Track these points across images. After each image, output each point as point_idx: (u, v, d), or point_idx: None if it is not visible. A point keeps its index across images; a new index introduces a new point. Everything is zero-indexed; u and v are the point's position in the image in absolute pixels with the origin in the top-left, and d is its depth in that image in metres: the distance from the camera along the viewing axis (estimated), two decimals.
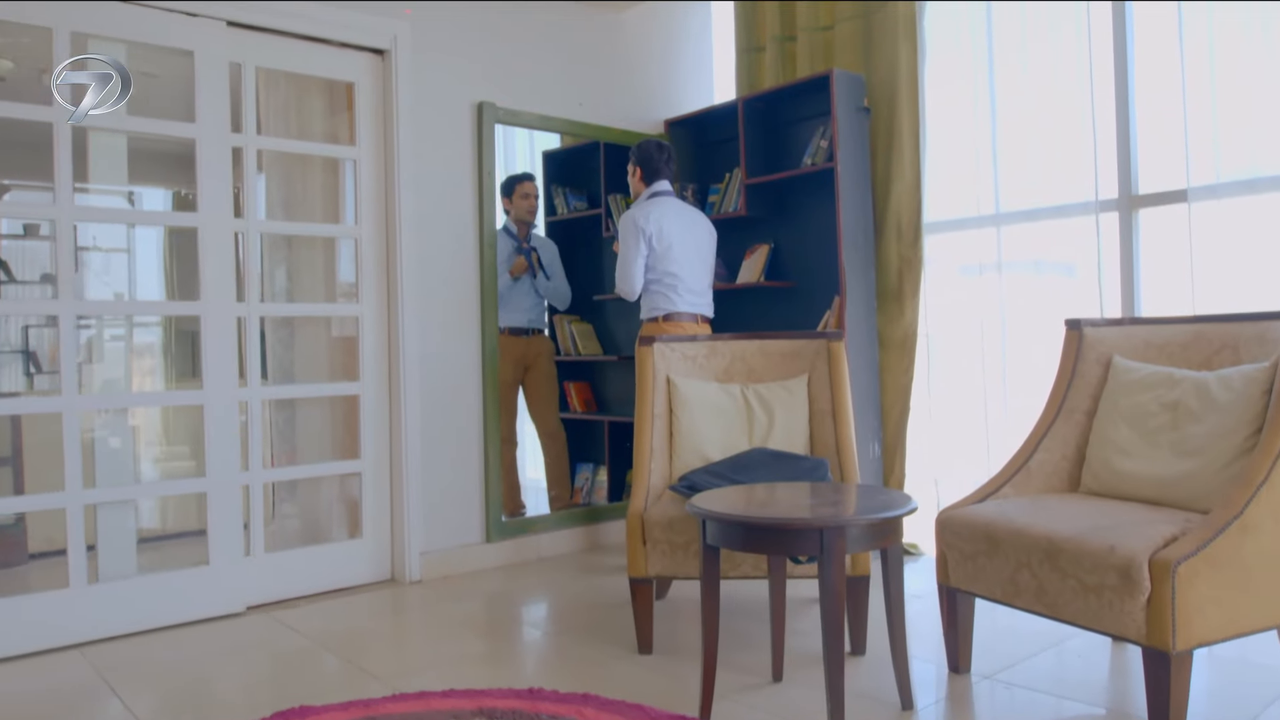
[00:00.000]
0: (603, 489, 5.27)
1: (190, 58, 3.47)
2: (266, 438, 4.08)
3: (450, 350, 4.07)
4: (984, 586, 2.52)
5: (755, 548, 2.27)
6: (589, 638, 3.13)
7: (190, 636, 3.27)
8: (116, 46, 3.42)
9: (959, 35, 4.03)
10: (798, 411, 3.30)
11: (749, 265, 4.59)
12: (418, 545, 3.93)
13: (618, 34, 4.73)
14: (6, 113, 3.15)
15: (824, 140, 4.19)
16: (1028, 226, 3.80)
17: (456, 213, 4.11)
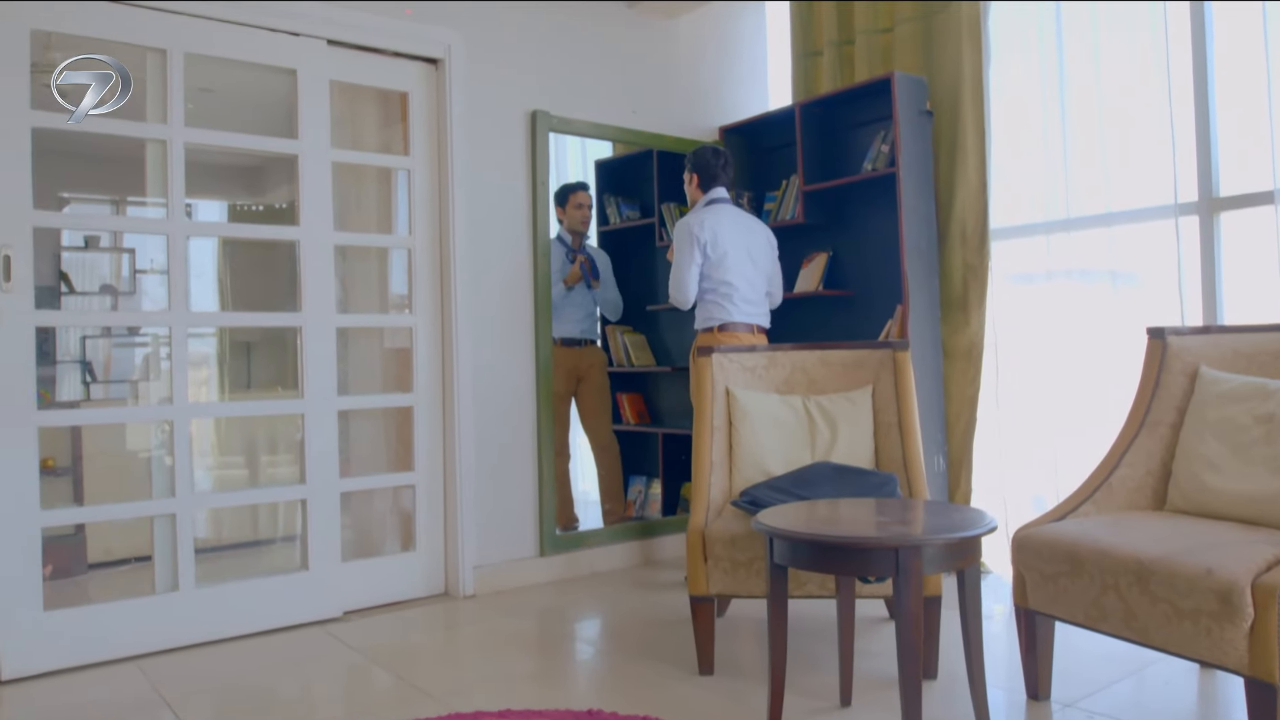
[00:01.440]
0: (656, 502, 5.19)
1: (294, 75, 3.57)
2: None
3: (504, 361, 4.02)
4: (1065, 609, 2.39)
5: (826, 568, 2.17)
6: (646, 657, 3.04)
7: (245, 650, 3.24)
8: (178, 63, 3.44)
9: (1025, 35, 3.89)
10: (862, 424, 3.19)
11: (806, 274, 4.49)
12: (471, 559, 3.87)
13: (671, 40, 4.67)
14: (115, 129, 3.24)
15: (885, 145, 4.07)
16: (1101, 232, 3.65)
17: (510, 222, 4.07)
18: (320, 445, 3.60)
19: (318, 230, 3.61)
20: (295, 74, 3.55)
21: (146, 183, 3.56)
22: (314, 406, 3.59)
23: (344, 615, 3.60)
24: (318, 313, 3.60)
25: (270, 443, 4.89)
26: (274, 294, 5.08)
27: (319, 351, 3.60)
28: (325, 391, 3.61)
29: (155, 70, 3.28)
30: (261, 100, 3.78)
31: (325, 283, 3.61)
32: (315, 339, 3.59)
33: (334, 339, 3.65)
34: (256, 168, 6.62)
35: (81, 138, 3.26)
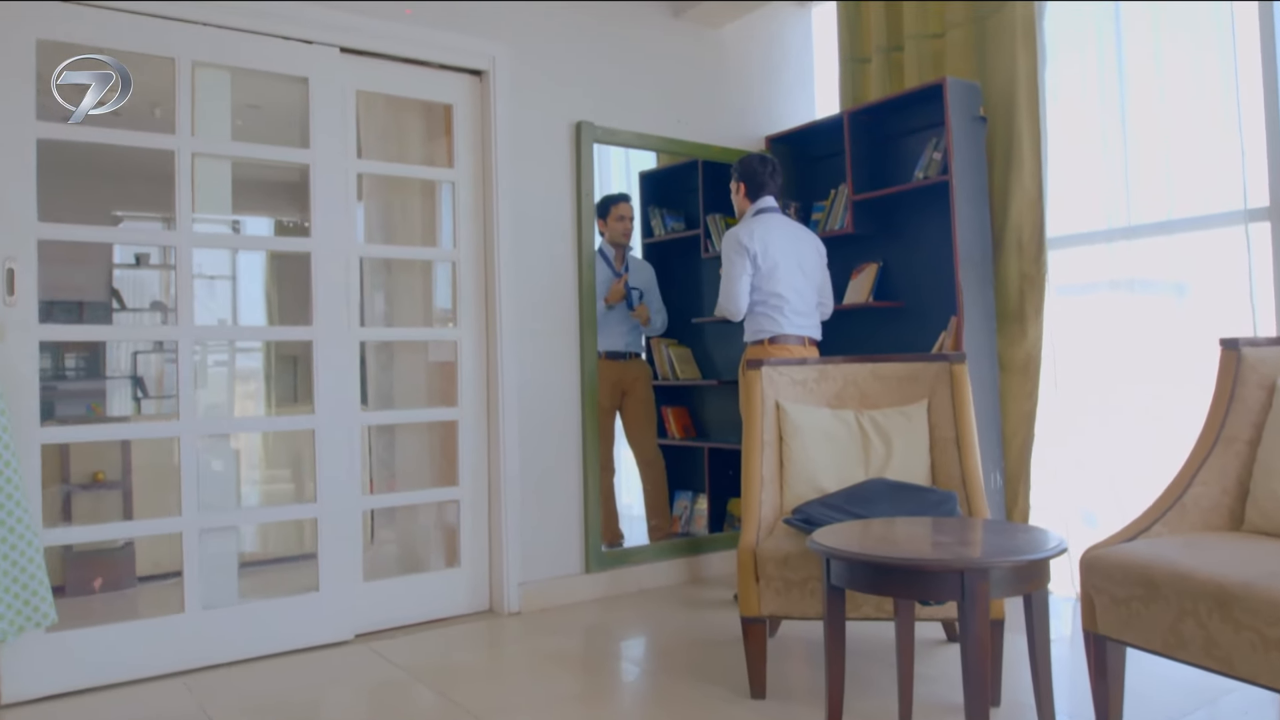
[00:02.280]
0: (702, 518, 5.10)
1: (305, 84, 3.49)
2: (366, 463, 4.04)
3: (548, 375, 3.98)
4: (1139, 636, 2.27)
5: (886, 590, 2.08)
6: (695, 678, 2.96)
7: (289, 666, 3.21)
8: (221, 76, 3.45)
9: (1083, 38, 3.78)
10: (918, 440, 3.08)
11: (856, 285, 4.39)
12: (516, 575, 3.82)
13: (717, 50, 4.61)
14: (130, 141, 3.21)
15: (937, 152, 3.97)
16: (1164, 239, 3.51)
17: (554, 234, 4.03)
18: (335, 462, 3.49)
19: (330, 242, 3.51)
20: (306, 82, 3.48)
21: (194, 199, 3.57)
22: (327, 422, 3.48)
23: (360, 635, 3.56)
24: (331, 326, 3.50)
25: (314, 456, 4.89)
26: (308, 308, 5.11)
27: (334, 366, 3.50)
28: (342, 406, 3.51)
29: (184, 82, 3.23)
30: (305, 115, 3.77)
31: (340, 295, 3.52)
32: (328, 353, 3.49)
33: (354, 353, 3.55)
34: (298, 184, 6.68)
35: (132, 155, 3.27)
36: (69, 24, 3.03)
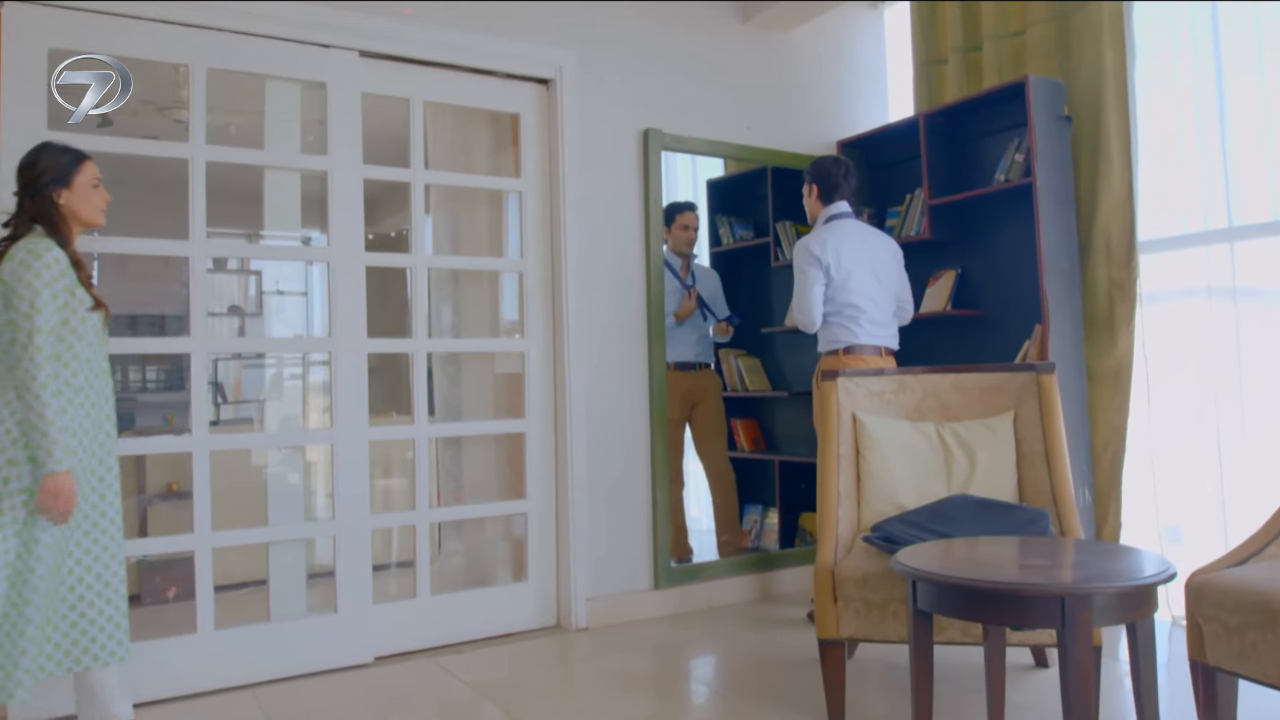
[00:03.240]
0: (773, 532, 4.98)
1: (323, 89, 3.43)
2: (433, 475, 4.02)
3: (616, 386, 3.91)
4: (1256, 668, 2.10)
5: (978, 616, 1.96)
6: (769, 702, 2.85)
7: (357, 680, 3.19)
8: (292, 90, 3.46)
9: (1176, 35, 3.59)
10: (1003, 454, 2.94)
11: (933, 293, 4.24)
12: (584, 591, 3.75)
13: (786, 54, 4.51)
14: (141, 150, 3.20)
15: (1019, 154, 3.81)
16: (1267, 241, 3.31)
17: (622, 243, 3.97)
18: (350, 477, 3.40)
19: (346, 250, 3.44)
20: (324, 87, 3.41)
21: (264, 214, 3.60)
22: (344, 436, 3.41)
23: (443, 647, 3.52)
24: (347, 338, 3.42)
25: (385, 466, 4.90)
26: (385, 320, 5.13)
27: (348, 378, 3.43)
28: (355, 420, 3.43)
29: (198, 88, 3.18)
30: (377, 130, 3.76)
31: (355, 305, 3.44)
32: (343, 364, 3.41)
33: (363, 364, 3.45)
34: (371, 198, 6.75)
35: (217, 171, 3.28)
36: (81, 32, 2.99)
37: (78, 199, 2.41)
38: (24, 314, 2.22)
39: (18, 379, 2.24)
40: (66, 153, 2.43)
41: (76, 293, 2.33)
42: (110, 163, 3.14)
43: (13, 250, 2.30)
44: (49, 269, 2.25)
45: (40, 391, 2.22)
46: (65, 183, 2.38)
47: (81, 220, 2.44)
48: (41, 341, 2.22)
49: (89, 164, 2.46)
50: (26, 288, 2.22)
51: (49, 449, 2.23)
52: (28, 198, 2.37)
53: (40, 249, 2.27)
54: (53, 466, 2.23)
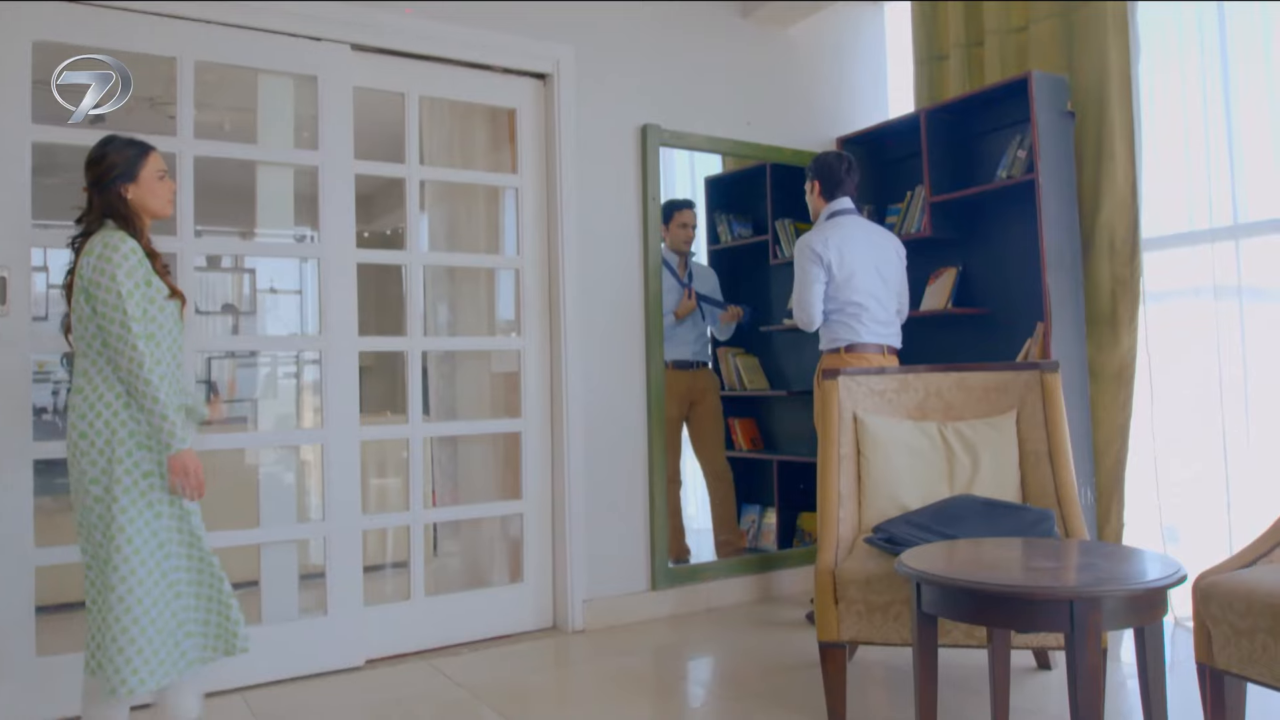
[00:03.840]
0: (770, 532, 4.94)
1: (314, 82, 3.36)
2: (428, 475, 3.97)
3: (614, 385, 3.86)
4: (1266, 672, 2.05)
5: (985, 620, 1.92)
6: (769, 705, 2.81)
7: (349, 683, 3.14)
8: (284, 83, 3.41)
9: (1182, 31, 3.54)
10: (1006, 454, 2.90)
11: (934, 290, 4.20)
12: (581, 592, 3.70)
13: (786, 50, 4.47)
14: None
15: (1022, 150, 3.77)
16: (1275, 238, 3.26)
17: (620, 241, 3.92)
18: (340, 478, 3.34)
19: (336, 247, 3.37)
20: (316, 81, 3.34)
21: (257, 211, 3.54)
22: (335, 436, 3.35)
23: (438, 650, 3.48)
24: (337, 335, 3.35)
25: (381, 466, 4.85)
26: (384, 318, 5.07)
27: (338, 378, 3.36)
28: (346, 420, 3.37)
29: (185, 81, 3.10)
30: (375, 126, 3.71)
31: (345, 302, 3.37)
32: (334, 363, 3.34)
33: (354, 364, 3.40)
34: (366, 195, 6.70)
35: (210, 168, 3.23)
36: (67, 24, 2.93)
37: (144, 192, 2.41)
38: (112, 305, 2.23)
39: (123, 368, 2.24)
40: (132, 146, 2.43)
41: (154, 282, 2.35)
42: None
43: (89, 245, 2.32)
44: (126, 260, 2.27)
45: (149, 376, 2.22)
46: (132, 177, 2.39)
47: (149, 212, 2.44)
48: (137, 328, 2.24)
49: (154, 156, 2.46)
50: (109, 279, 2.24)
51: (170, 430, 2.23)
52: (96, 193, 2.38)
53: (115, 241, 2.28)
54: (176, 446, 2.24)
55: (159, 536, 2.27)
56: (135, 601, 2.20)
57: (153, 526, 2.27)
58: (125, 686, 2.17)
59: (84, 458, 2.27)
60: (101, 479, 2.26)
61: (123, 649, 2.18)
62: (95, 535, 2.28)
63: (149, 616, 2.21)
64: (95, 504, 2.27)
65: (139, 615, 2.19)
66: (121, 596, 2.19)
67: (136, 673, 2.18)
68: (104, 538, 2.25)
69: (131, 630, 2.19)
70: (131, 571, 2.21)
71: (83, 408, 2.29)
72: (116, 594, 2.19)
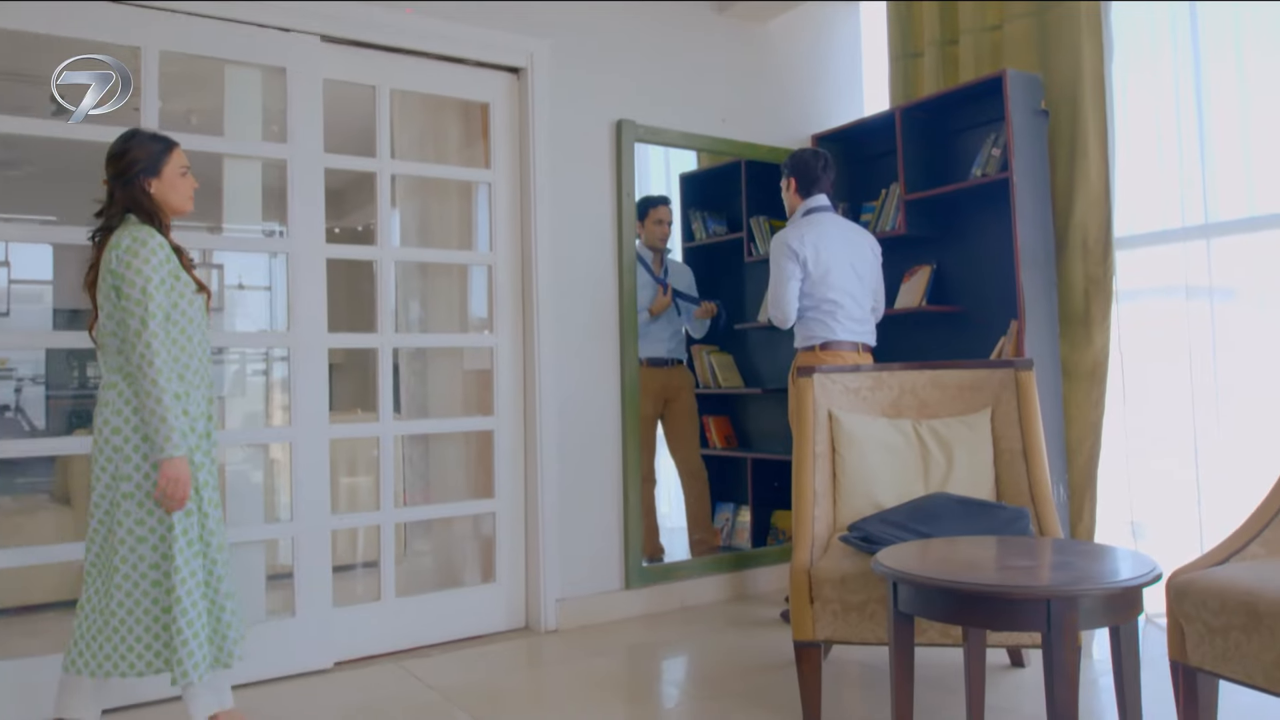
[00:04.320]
0: (744, 531, 4.92)
1: (283, 74, 3.28)
2: (399, 474, 3.92)
3: (588, 382, 3.83)
4: (1239, 670, 2.06)
5: (962, 619, 1.91)
6: (746, 705, 2.79)
7: (318, 686, 3.09)
8: (251, 75, 3.34)
9: (1155, 32, 3.56)
10: (981, 451, 2.89)
11: (908, 288, 4.20)
12: (554, 591, 3.67)
13: (762, 46, 4.45)
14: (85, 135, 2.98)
15: (996, 148, 3.78)
16: (1246, 237, 3.29)
17: (594, 237, 3.88)
18: (309, 478, 3.28)
19: (305, 242, 3.29)
20: (285, 73, 3.27)
21: (224, 205, 3.47)
22: (304, 435, 3.28)
23: (409, 651, 3.43)
24: (307, 333, 3.28)
25: (351, 464, 4.79)
26: (356, 315, 5.01)
27: (308, 375, 3.29)
28: (316, 419, 3.30)
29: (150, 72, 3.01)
30: (347, 121, 3.65)
31: (315, 298, 3.31)
32: (302, 360, 3.28)
33: (324, 361, 3.33)
34: (338, 191, 6.63)
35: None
36: (27, 11, 2.83)
37: (167, 187, 2.40)
38: (136, 300, 2.23)
39: (134, 364, 2.24)
40: (156, 141, 2.42)
41: (181, 277, 2.34)
42: (63, 150, 3.02)
43: (115, 239, 2.30)
44: (155, 254, 2.26)
45: (157, 377, 2.22)
46: (155, 171, 2.38)
47: (171, 207, 2.43)
48: (156, 327, 2.23)
49: (177, 151, 2.45)
50: (137, 274, 2.23)
51: (167, 434, 2.22)
52: (119, 187, 2.36)
53: (143, 235, 2.28)
54: (171, 451, 2.23)
55: (189, 534, 2.31)
56: (186, 593, 2.25)
57: (184, 524, 2.30)
58: (198, 671, 2.24)
59: (118, 454, 2.27)
60: (134, 475, 2.26)
61: (186, 641, 2.23)
62: (119, 532, 2.28)
63: (197, 609, 2.27)
64: (124, 500, 2.27)
65: (188, 606, 2.25)
66: (176, 591, 2.24)
67: (198, 666, 2.24)
68: (140, 536, 2.26)
69: (196, 624, 2.25)
70: (186, 563, 2.26)
71: (118, 403, 2.29)
72: (175, 593, 2.24)
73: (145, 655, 2.29)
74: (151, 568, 2.29)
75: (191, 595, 2.27)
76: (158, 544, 2.28)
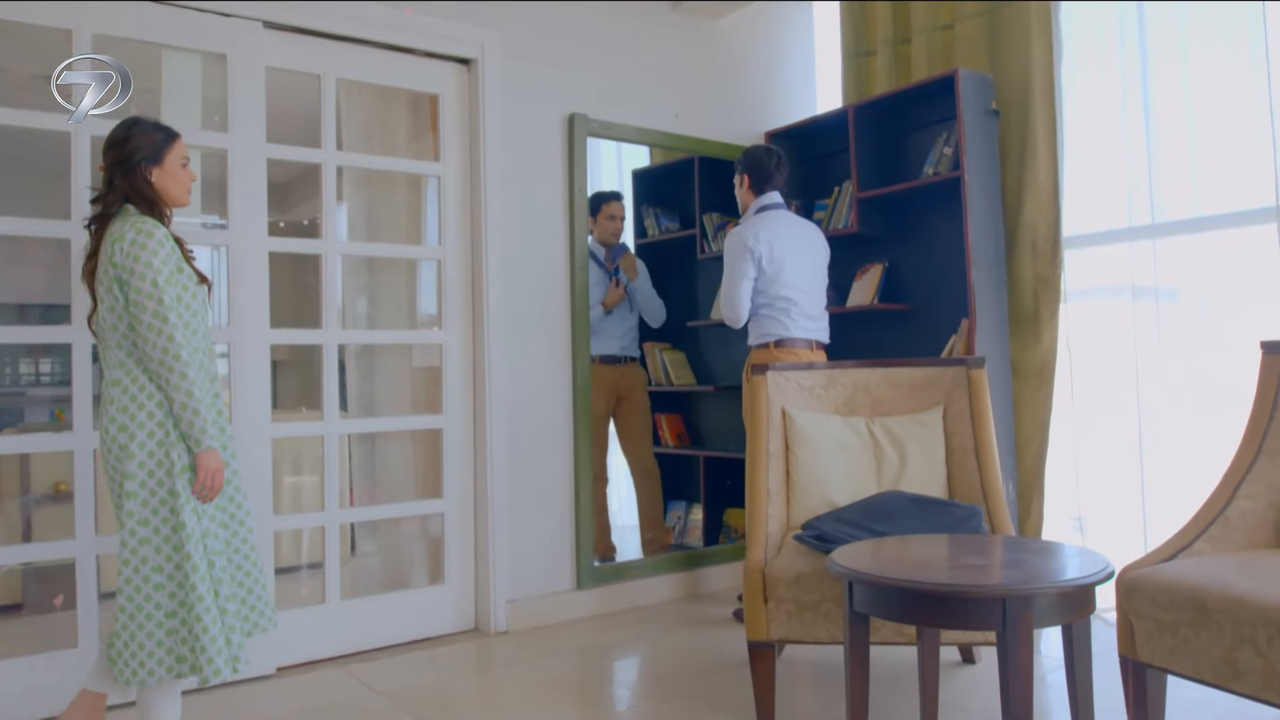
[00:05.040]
0: (697, 529, 4.90)
1: (223, 61, 3.17)
2: (345, 473, 3.83)
3: (539, 380, 3.77)
4: (1187, 665, 2.08)
5: (919, 619, 1.89)
6: (698, 706, 2.76)
7: (259, 693, 2.99)
8: (191, 60, 3.23)
9: (1103, 33, 3.60)
10: (934, 449, 2.90)
11: (860, 287, 4.21)
12: (504, 592, 3.61)
13: (715, 42, 4.42)
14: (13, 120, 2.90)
15: (948, 147, 3.79)
16: (1190, 238, 3.34)
17: (546, 233, 3.82)
18: (250, 478, 3.09)
19: (247, 235, 3.18)
20: (225, 59, 3.15)
21: None
22: (247, 434, 3.14)
23: (355, 655, 3.34)
24: (249, 327, 3.17)
25: (296, 463, 4.67)
26: (302, 311, 4.88)
27: (250, 370, 3.18)
28: (258, 417, 3.19)
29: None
30: (293, 111, 3.54)
31: (257, 293, 3.20)
32: (244, 357, 3.16)
33: (266, 356, 3.24)
34: (284, 184, 6.46)
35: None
36: None
37: (168, 177, 2.35)
38: (147, 294, 2.17)
39: (154, 359, 2.18)
40: (159, 130, 2.36)
41: (184, 269, 2.29)
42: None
43: (118, 231, 2.23)
44: (162, 246, 2.21)
45: (185, 370, 2.18)
46: (157, 160, 2.32)
47: (170, 198, 2.37)
48: (175, 319, 2.18)
49: (179, 142, 2.39)
50: (146, 266, 2.18)
51: (202, 426, 2.20)
52: (119, 175, 2.29)
53: (148, 227, 2.22)
54: (208, 443, 2.21)
55: (200, 529, 2.26)
56: (207, 590, 2.21)
57: (203, 524, 2.26)
58: (212, 667, 2.17)
59: (124, 452, 2.21)
60: (137, 473, 2.20)
61: (214, 639, 2.19)
62: (122, 534, 2.21)
63: (212, 604, 2.22)
64: (128, 499, 2.20)
65: (210, 603, 2.21)
66: (195, 587, 2.19)
67: (211, 661, 2.18)
68: (143, 537, 2.20)
69: (213, 622, 2.20)
70: (202, 559, 2.22)
71: (123, 400, 2.22)
72: (197, 590, 2.19)
73: (150, 663, 2.19)
74: (154, 570, 2.20)
75: (210, 591, 2.22)
76: (162, 544, 2.21)
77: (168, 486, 2.21)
